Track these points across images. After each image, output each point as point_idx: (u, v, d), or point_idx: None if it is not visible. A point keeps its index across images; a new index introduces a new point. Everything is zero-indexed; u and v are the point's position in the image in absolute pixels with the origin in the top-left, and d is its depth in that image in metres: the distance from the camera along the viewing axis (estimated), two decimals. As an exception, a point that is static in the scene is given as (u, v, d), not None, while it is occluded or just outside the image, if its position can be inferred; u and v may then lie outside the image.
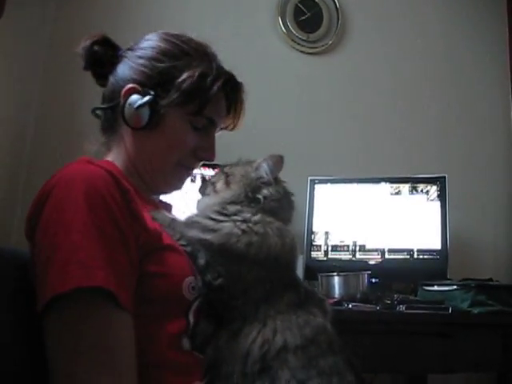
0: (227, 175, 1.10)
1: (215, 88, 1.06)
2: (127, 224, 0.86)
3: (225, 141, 1.20)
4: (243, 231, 0.97)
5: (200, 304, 0.93)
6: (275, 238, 0.98)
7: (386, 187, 2.36)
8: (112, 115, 1.10)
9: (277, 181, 1.11)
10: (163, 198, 1.21)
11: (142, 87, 1.04)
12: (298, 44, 2.73)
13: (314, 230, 2.36)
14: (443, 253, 2.21)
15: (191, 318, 0.92)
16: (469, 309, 1.83)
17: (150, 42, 1.10)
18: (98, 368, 0.78)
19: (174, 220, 1.02)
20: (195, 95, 1.05)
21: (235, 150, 1.23)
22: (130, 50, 1.12)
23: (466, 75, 2.84)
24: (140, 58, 1.08)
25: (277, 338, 0.89)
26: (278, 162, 1.13)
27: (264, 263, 0.96)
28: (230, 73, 1.12)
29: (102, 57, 1.11)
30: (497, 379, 1.95)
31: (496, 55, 2.86)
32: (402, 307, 1.80)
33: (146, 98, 1.03)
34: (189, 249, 0.97)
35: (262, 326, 0.90)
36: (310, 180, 2.43)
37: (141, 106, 1.03)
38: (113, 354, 0.79)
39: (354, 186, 2.40)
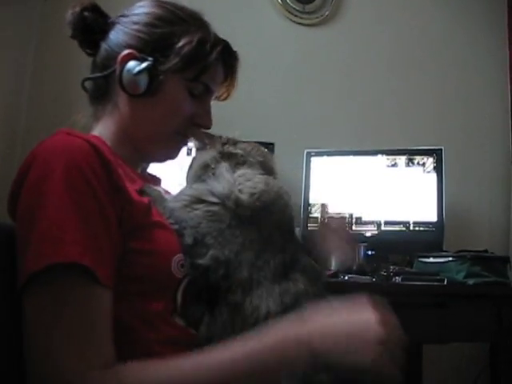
0: None
1: (214, 53, 1.05)
2: (108, 197, 0.84)
3: (220, 113, 1.18)
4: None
5: (188, 283, 0.92)
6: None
7: (382, 159, 2.36)
8: (105, 83, 1.06)
9: None
10: (153, 171, 1.20)
11: (140, 53, 1.02)
12: (294, 15, 2.69)
13: (310, 202, 2.37)
14: (439, 225, 2.22)
15: (179, 296, 0.91)
16: (464, 280, 1.84)
17: (144, 9, 1.07)
18: (75, 341, 0.77)
19: (164, 197, 1.00)
20: (195, 60, 1.03)
21: (231, 122, 1.23)
22: (122, 16, 1.09)
23: (464, 46, 2.81)
24: (135, 23, 1.05)
25: (262, 304, 0.88)
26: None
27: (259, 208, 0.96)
28: (226, 40, 1.10)
29: (92, 23, 1.07)
30: (489, 349, 1.98)
31: (494, 27, 2.83)
32: (397, 279, 1.82)
33: (145, 64, 1.00)
34: (176, 227, 0.95)
35: (251, 296, 0.90)
36: (307, 153, 2.43)
37: (140, 71, 1.00)
38: (90, 327, 0.79)
39: (351, 158, 2.40)
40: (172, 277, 0.90)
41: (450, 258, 1.94)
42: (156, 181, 1.15)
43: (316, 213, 2.35)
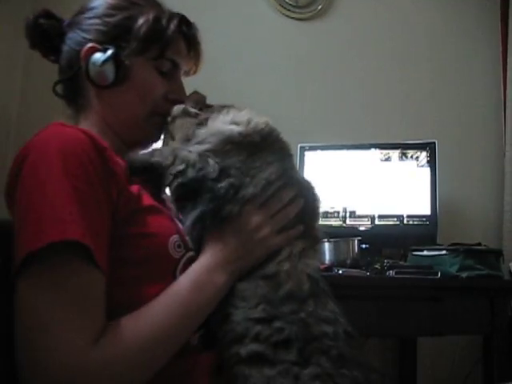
0: None
1: (172, 27, 1.06)
2: (102, 184, 0.85)
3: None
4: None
5: (186, 261, 0.94)
6: None
7: (375, 153, 2.37)
8: (75, 83, 1.08)
9: None
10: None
11: (101, 45, 1.03)
12: (287, 9, 2.69)
13: (304, 196, 2.36)
14: (433, 218, 2.23)
15: (179, 276, 0.92)
16: (457, 273, 1.85)
17: (97, 2, 1.09)
18: (73, 321, 0.76)
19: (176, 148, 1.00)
20: (154, 38, 1.05)
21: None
22: (76, 15, 1.10)
23: (458, 41, 2.81)
24: (90, 18, 1.06)
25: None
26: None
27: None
28: (181, 14, 1.11)
29: (49, 28, 1.08)
30: (483, 341, 1.98)
31: (487, 18, 2.83)
32: (391, 272, 1.83)
33: (109, 53, 1.01)
34: (181, 167, 0.94)
35: None
36: (300, 147, 2.42)
37: (105, 61, 1.01)
38: (87, 309, 0.78)
39: (344, 152, 2.40)
40: (170, 257, 0.92)
41: (444, 252, 1.94)
42: None
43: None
